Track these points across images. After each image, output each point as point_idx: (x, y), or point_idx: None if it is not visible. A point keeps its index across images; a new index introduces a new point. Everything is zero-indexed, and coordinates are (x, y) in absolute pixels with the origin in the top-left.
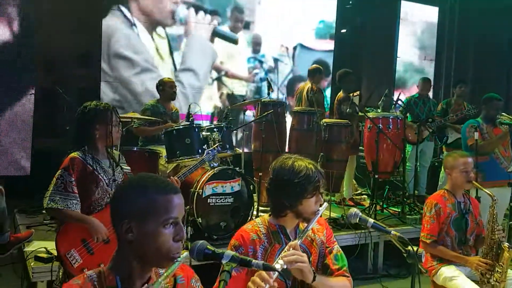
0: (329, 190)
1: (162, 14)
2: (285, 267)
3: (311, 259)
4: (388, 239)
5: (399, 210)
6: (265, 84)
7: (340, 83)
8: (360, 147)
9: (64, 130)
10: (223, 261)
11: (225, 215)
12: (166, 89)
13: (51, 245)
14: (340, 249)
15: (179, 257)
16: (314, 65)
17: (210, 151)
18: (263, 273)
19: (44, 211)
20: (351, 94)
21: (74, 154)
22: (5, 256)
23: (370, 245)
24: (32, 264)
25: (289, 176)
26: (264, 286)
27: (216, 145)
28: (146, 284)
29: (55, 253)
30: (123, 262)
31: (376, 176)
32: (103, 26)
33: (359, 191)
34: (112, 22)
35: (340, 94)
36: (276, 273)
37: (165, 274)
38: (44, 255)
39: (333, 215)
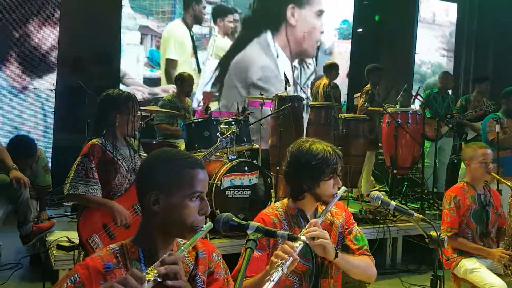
0: (346, 185)
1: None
2: (307, 242)
3: (334, 245)
4: (407, 234)
5: (418, 206)
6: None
7: (368, 76)
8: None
9: (84, 125)
10: (249, 231)
11: (243, 207)
12: (185, 84)
13: (72, 235)
14: (360, 230)
15: (203, 227)
16: (330, 61)
17: (223, 138)
18: (286, 246)
19: (65, 203)
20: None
21: (94, 141)
22: (28, 246)
23: (389, 240)
24: (54, 252)
25: (306, 158)
26: (287, 259)
27: (229, 132)
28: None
29: (76, 241)
30: (146, 234)
31: (395, 171)
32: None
33: (376, 188)
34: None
35: (367, 86)
36: (300, 246)
37: (188, 242)
38: (66, 244)
39: (351, 210)
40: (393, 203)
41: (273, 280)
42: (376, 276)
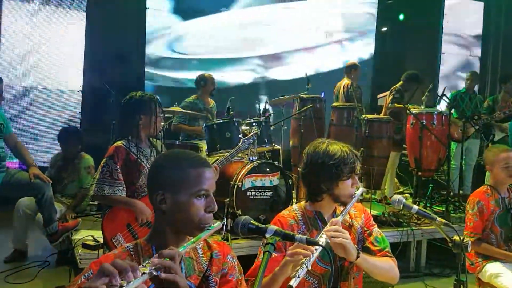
0: (369, 187)
1: None
2: (328, 241)
3: (355, 246)
4: (431, 237)
5: (443, 209)
6: None
7: (404, 79)
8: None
9: (110, 126)
10: (267, 235)
11: (264, 208)
12: (207, 85)
13: (97, 233)
14: (381, 232)
15: (211, 226)
16: (351, 61)
17: (245, 140)
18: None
19: (90, 202)
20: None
21: (118, 143)
22: (55, 244)
23: (413, 243)
24: (79, 251)
25: (323, 159)
26: (310, 255)
27: (251, 134)
28: (171, 246)
29: (101, 240)
30: (158, 232)
31: (419, 173)
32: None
33: (400, 190)
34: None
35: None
36: (318, 250)
37: (193, 239)
38: (91, 243)
39: (374, 212)
40: (415, 207)
41: (298, 277)
42: (399, 278)
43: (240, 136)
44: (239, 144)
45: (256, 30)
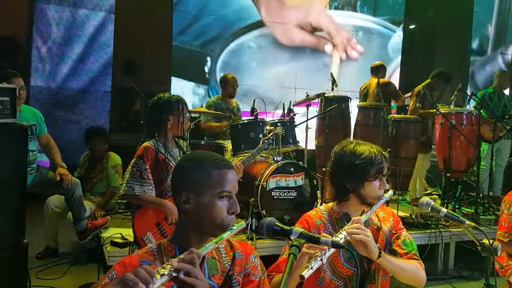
0: (396, 188)
1: None
2: (348, 238)
3: (377, 245)
4: (460, 240)
5: (472, 211)
6: None
7: (432, 78)
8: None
9: (138, 126)
10: (292, 237)
11: (288, 208)
12: (227, 86)
13: (125, 231)
14: (409, 236)
15: (234, 226)
16: (378, 62)
17: (266, 140)
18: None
19: (119, 200)
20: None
21: (147, 143)
22: (84, 242)
23: (441, 245)
24: (108, 248)
25: (350, 158)
26: (326, 249)
27: (271, 134)
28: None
29: (130, 238)
30: (181, 233)
31: (448, 174)
32: None
33: (428, 191)
34: None
35: (419, 87)
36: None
37: (214, 240)
38: (120, 240)
39: (401, 214)
40: (443, 209)
41: (311, 268)
42: (425, 281)
43: (260, 136)
44: (260, 144)
45: None
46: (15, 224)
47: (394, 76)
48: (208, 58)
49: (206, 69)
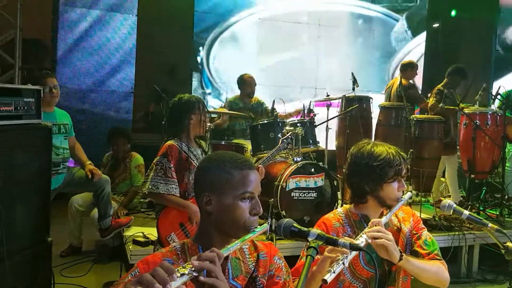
0: (419, 190)
1: None
2: (369, 241)
3: (398, 248)
4: (484, 242)
5: (497, 213)
6: None
7: (448, 75)
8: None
9: (160, 126)
10: (310, 239)
11: (308, 209)
12: (244, 86)
13: (147, 230)
14: (431, 236)
15: (256, 228)
16: (408, 60)
17: (284, 140)
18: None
19: (142, 199)
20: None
21: (170, 142)
22: (107, 239)
23: (465, 247)
24: (130, 247)
25: (368, 160)
26: (348, 253)
27: (289, 134)
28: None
29: (151, 237)
30: (204, 233)
31: (473, 176)
32: None
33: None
34: None
35: (438, 86)
36: (353, 253)
37: (237, 241)
38: (142, 239)
39: (424, 216)
40: (466, 212)
41: (333, 272)
42: (449, 282)
43: (279, 136)
44: (278, 144)
45: None
46: (40, 222)
47: (397, 71)
48: (201, 48)
49: (199, 59)
